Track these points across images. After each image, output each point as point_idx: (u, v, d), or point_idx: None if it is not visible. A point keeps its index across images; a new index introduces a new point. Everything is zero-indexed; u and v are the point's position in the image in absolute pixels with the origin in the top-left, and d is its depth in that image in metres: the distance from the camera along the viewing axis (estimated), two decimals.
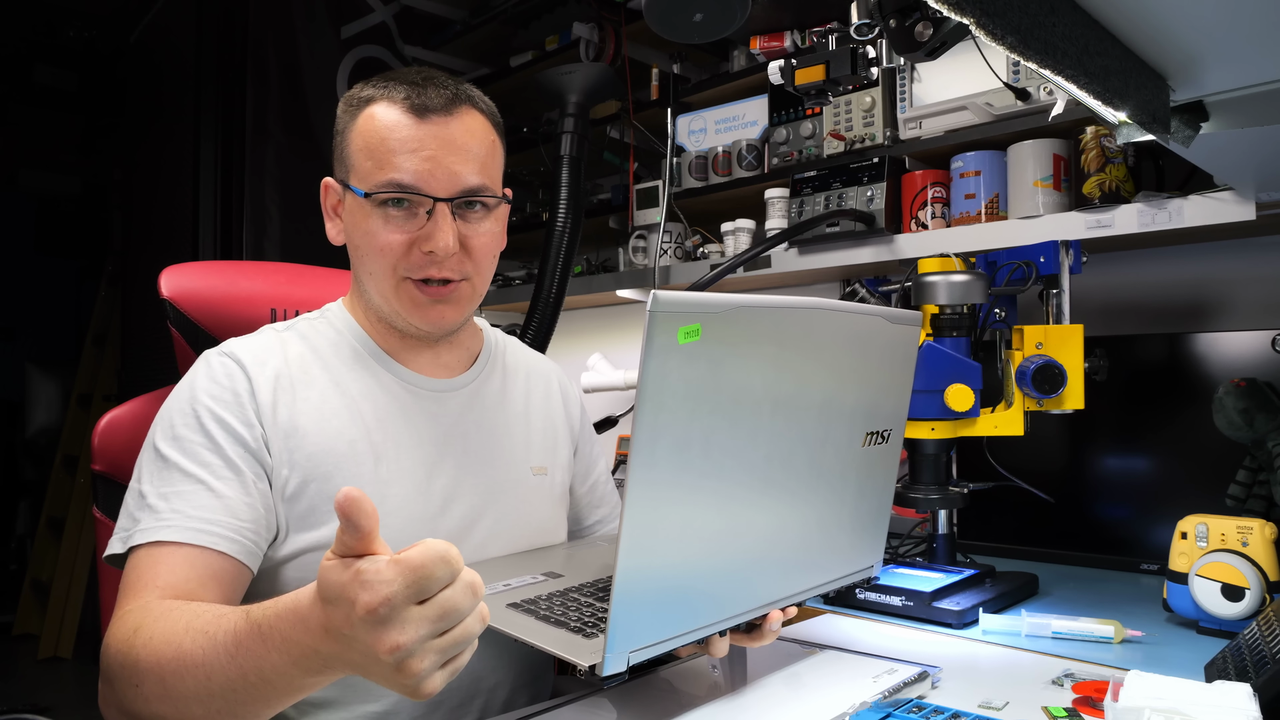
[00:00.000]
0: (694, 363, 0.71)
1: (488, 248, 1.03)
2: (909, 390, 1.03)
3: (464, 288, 1.02)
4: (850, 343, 0.91)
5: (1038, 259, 1.36)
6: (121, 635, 0.80)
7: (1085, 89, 0.71)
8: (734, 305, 0.73)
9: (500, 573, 0.96)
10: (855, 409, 0.93)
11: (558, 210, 2.00)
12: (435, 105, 0.97)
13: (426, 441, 1.03)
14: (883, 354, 0.97)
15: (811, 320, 0.84)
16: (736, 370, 0.76)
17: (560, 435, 1.19)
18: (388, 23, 2.86)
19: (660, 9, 1.20)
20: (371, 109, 0.98)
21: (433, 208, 0.96)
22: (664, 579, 0.75)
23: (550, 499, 1.14)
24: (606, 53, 2.36)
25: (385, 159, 0.96)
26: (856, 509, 0.99)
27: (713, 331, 0.71)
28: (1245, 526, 1.11)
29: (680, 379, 0.70)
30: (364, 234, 0.99)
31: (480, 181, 0.99)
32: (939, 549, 1.43)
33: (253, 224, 2.94)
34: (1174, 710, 0.74)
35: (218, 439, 0.92)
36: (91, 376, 4.27)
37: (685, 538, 0.76)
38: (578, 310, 2.74)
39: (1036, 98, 1.56)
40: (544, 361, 1.27)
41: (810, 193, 1.89)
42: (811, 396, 0.86)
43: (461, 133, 0.98)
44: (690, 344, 0.69)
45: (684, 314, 0.68)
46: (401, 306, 1.00)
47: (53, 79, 4.76)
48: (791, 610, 0.92)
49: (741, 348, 0.75)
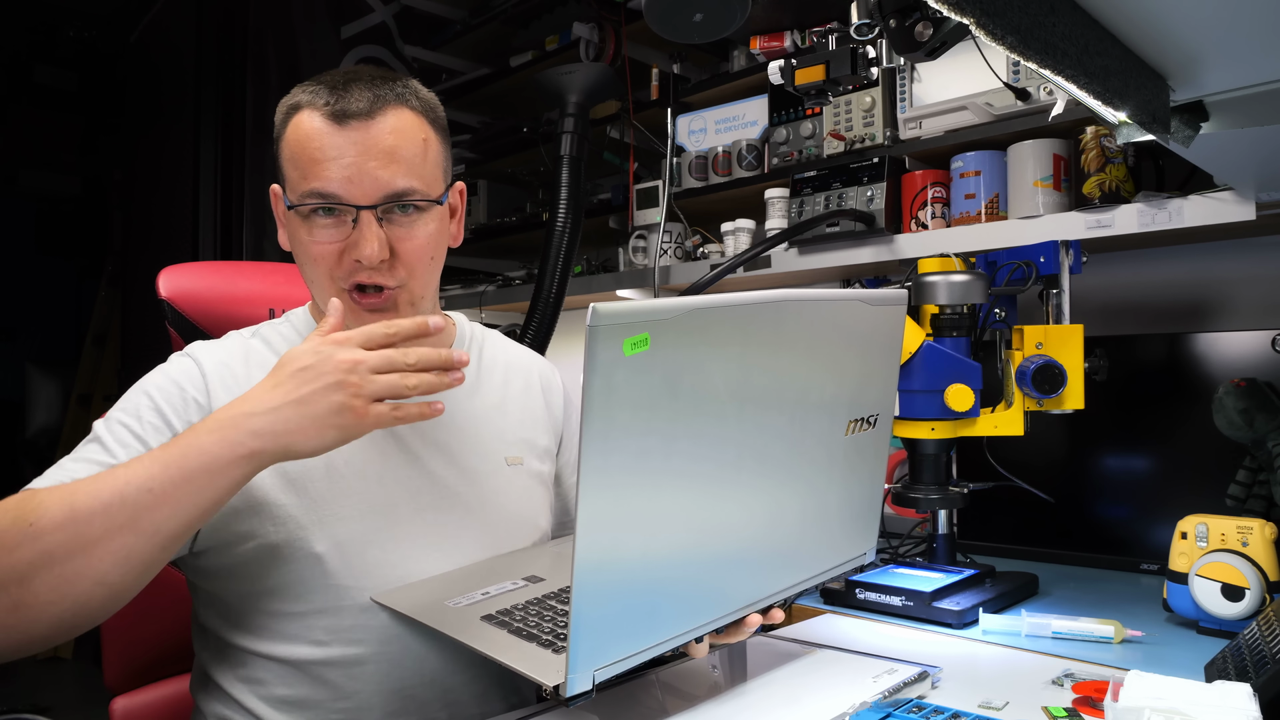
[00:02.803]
0: (645, 373, 0.68)
1: (421, 251, 0.99)
2: (895, 372, 1.01)
3: (399, 294, 0.99)
4: (826, 331, 0.88)
5: (1038, 259, 1.36)
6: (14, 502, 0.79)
7: (1085, 89, 0.71)
8: (687, 309, 0.70)
9: (481, 579, 0.96)
10: (836, 398, 0.91)
11: (558, 210, 2.00)
12: (356, 110, 0.95)
13: (390, 433, 1.02)
14: (864, 339, 0.94)
15: (780, 313, 0.81)
16: (696, 374, 0.73)
17: (540, 425, 1.18)
18: (388, 23, 2.86)
19: (660, 9, 1.20)
20: (298, 117, 0.97)
21: (357, 216, 0.95)
22: (627, 592, 0.73)
23: (524, 489, 1.12)
24: (606, 53, 2.36)
25: (308, 169, 0.95)
26: (845, 498, 0.97)
27: (664, 339, 0.68)
28: (1245, 526, 1.11)
29: (629, 391, 0.68)
30: (298, 244, 0.99)
31: (408, 184, 0.96)
32: (939, 549, 1.43)
33: (253, 224, 2.94)
34: (1174, 710, 0.74)
35: (145, 428, 0.93)
36: (91, 376, 4.27)
37: (648, 549, 0.74)
38: (578, 310, 2.74)
39: (1036, 98, 1.56)
40: (526, 354, 1.26)
41: (810, 193, 1.89)
42: (785, 390, 0.84)
43: (385, 134, 0.95)
44: (639, 354, 0.67)
45: (627, 325, 0.66)
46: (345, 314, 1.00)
47: (53, 79, 4.77)
48: (777, 614, 0.90)
49: (700, 350, 0.73)
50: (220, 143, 3.02)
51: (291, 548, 0.94)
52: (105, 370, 4.21)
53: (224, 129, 3.02)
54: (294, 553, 0.94)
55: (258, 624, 0.97)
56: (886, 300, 0.95)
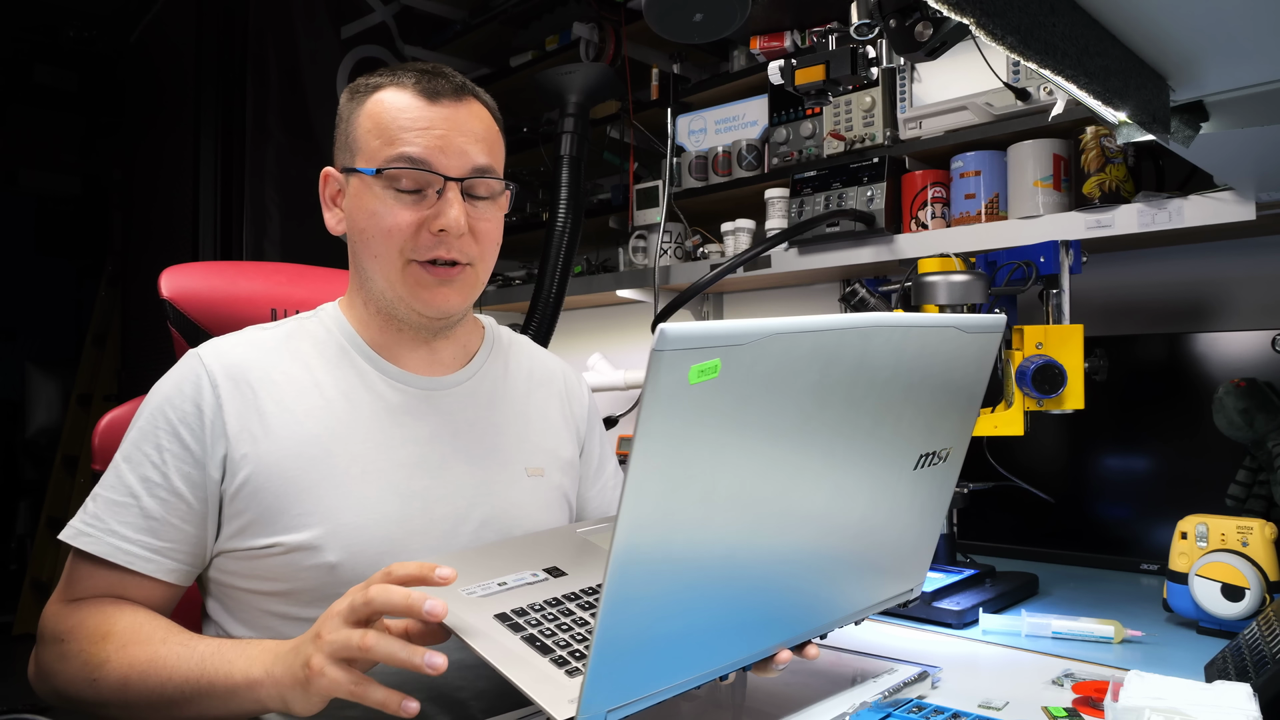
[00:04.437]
0: (710, 403, 0.62)
1: (492, 234, 1.04)
2: (978, 404, 0.92)
3: (469, 272, 1.02)
4: (912, 360, 0.79)
5: (1038, 259, 1.36)
6: (86, 634, 0.90)
7: (1085, 89, 0.71)
8: (767, 333, 0.63)
9: (500, 565, 0.92)
10: (910, 431, 0.83)
11: (558, 210, 2.00)
12: (444, 91, 1.00)
13: (410, 440, 1.02)
14: (951, 368, 0.85)
15: (867, 340, 0.73)
16: (765, 403, 0.66)
17: (563, 437, 1.18)
18: (388, 23, 2.86)
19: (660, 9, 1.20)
20: (380, 94, 1.01)
21: (443, 187, 0.98)
22: (655, 633, 0.67)
23: (545, 502, 1.12)
24: (606, 53, 2.36)
25: (396, 136, 0.98)
26: (901, 534, 0.90)
27: (737, 366, 0.62)
28: (1245, 526, 1.11)
29: (689, 422, 0.62)
30: (369, 215, 0.99)
31: (488, 162, 1.01)
32: (939, 549, 1.43)
33: (253, 224, 2.94)
34: (1174, 710, 0.74)
35: (165, 455, 0.95)
36: (91, 376, 4.27)
37: (683, 586, 0.68)
38: (578, 310, 2.74)
39: (1036, 98, 1.56)
40: (553, 360, 1.26)
41: (810, 193, 1.89)
42: (859, 421, 0.76)
43: (469, 117, 1.01)
44: (706, 383, 0.60)
45: (698, 350, 0.59)
46: (406, 290, 1.01)
47: (53, 79, 4.76)
48: (812, 650, 0.85)
49: (775, 378, 0.66)
50: (220, 143, 3.01)
51: (306, 555, 0.94)
52: (105, 370, 4.21)
53: (224, 129, 3.01)
54: (309, 560, 0.94)
55: (266, 624, 0.97)
56: (983, 328, 0.87)
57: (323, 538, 0.94)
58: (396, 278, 1.00)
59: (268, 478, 0.95)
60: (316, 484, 0.96)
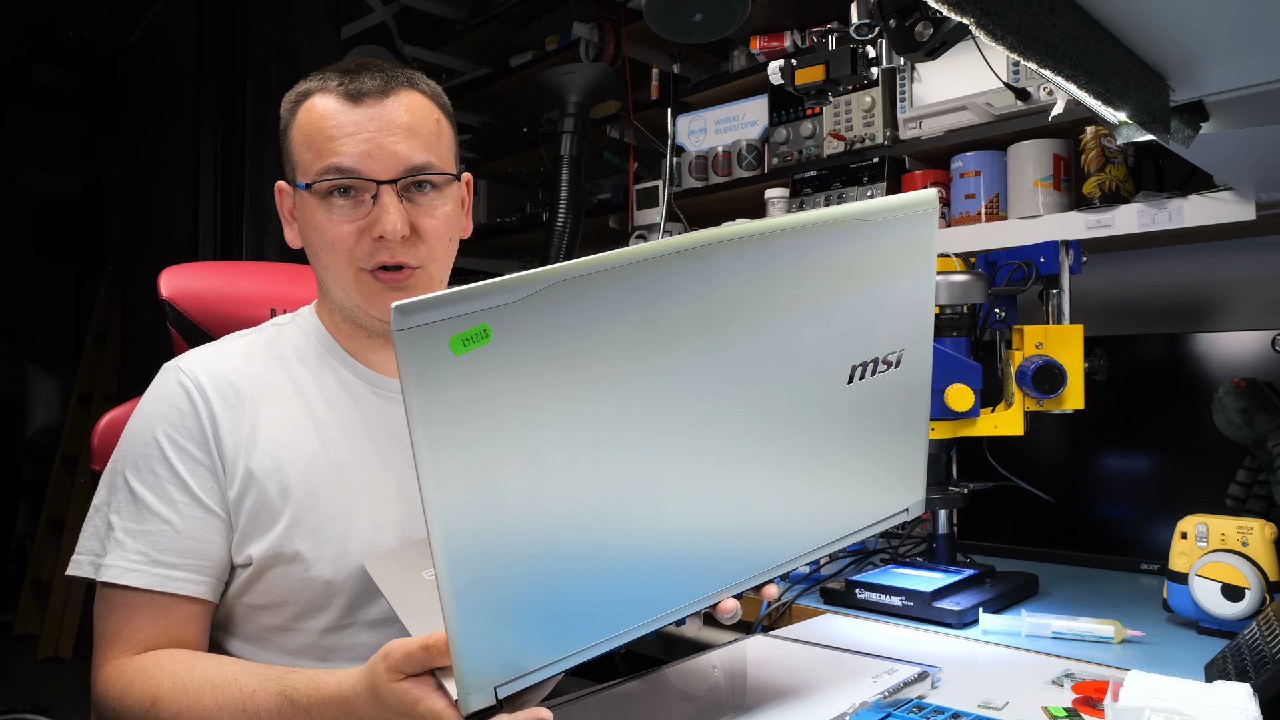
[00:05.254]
0: (498, 368, 0.57)
1: (440, 230, 0.99)
2: (928, 294, 0.83)
3: (420, 275, 0.98)
4: (793, 273, 0.72)
5: (1038, 259, 1.36)
6: (134, 701, 0.87)
7: (1085, 89, 0.71)
8: (543, 283, 0.59)
9: None
10: (828, 344, 0.77)
11: (558, 210, 2.00)
12: (369, 89, 0.95)
13: (396, 444, 1.01)
14: (864, 268, 0.76)
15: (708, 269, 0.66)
16: (583, 353, 0.62)
17: None
18: (388, 23, 2.86)
19: (660, 9, 1.20)
20: (308, 102, 0.97)
21: (376, 191, 0.94)
22: (531, 604, 0.64)
23: None
24: (606, 53, 2.36)
25: (323, 147, 0.94)
26: (858, 454, 0.84)
27: (516, 324, 0.58)
28: (1245, 526, 1.11)
29: (472, 395, 0.57)
30: (314, 229, 0.97)
31: (425, 159, 0.96)
32: (939, 549, 1.43)
33: (253, 224, 2.94)
34: (1174, 710, 0.74)
35: (180, 472, 0.93)
36: (91, 376, 4.27)
37: (548, 556, 0.64)
38: None
39: (1036, 98, 1.56)
40: None
41: (810, 193, 1.89)
42: (732, 351, 0.70)
43: (400, 112, 0.96)
44: (479, 349, 0.56)
45: (451, 320, 0.55)
46: (361, 299, 0.98)
47: (53, 79, 4.77)
48: (771, 590, 0.83)
49: (580, 326, 0.61)
50: (220, 143, 3.01)
51: (303, 572, 0.94)
52: (105, 370, 4.21)
53: (224, 129, 3.01)
54: (305, 577, 0.94)
55: (260, 636, 0.97)
56: (901, 212, 0.76)
57: (321, 556, 0.94)
58: (351, 287, 0.98)
59: (260, 491, 0.94)
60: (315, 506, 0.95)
